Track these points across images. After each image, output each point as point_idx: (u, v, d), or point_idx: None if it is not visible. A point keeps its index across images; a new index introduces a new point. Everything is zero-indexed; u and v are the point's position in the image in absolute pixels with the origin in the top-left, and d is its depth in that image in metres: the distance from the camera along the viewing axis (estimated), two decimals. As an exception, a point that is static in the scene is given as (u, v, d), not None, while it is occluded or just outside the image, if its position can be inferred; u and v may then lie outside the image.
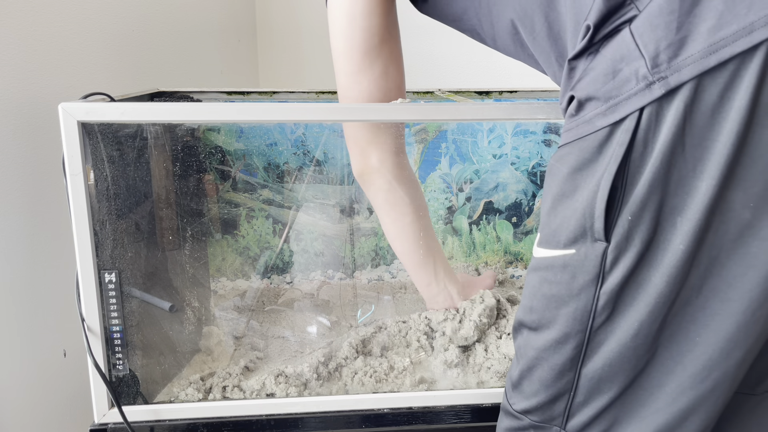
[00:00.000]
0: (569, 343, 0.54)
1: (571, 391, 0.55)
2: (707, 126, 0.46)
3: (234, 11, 1.61)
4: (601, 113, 0.49)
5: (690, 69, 0.45)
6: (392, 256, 1.11)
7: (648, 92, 0.47)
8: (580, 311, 0.53)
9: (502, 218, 1.12)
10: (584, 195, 0.51)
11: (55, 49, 0.85)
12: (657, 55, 0.46)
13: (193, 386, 0.80)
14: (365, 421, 0.79)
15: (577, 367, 0.54)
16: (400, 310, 1.00)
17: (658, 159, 0.47)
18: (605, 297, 0.51)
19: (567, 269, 0.53)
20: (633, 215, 0.49)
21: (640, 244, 0.49)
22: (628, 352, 0.52)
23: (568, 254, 0.53)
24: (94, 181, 0.71)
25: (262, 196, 1.07)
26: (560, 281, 0.53)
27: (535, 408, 0.58)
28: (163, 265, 0.89)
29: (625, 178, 0.49)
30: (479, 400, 0.80)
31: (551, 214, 0.54)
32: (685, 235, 0.47)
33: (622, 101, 0.48)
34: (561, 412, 0.57)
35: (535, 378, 0.57)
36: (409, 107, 0.71)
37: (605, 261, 0.50)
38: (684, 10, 0.46)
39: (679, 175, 0.47)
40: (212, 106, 0.70)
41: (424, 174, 1.09)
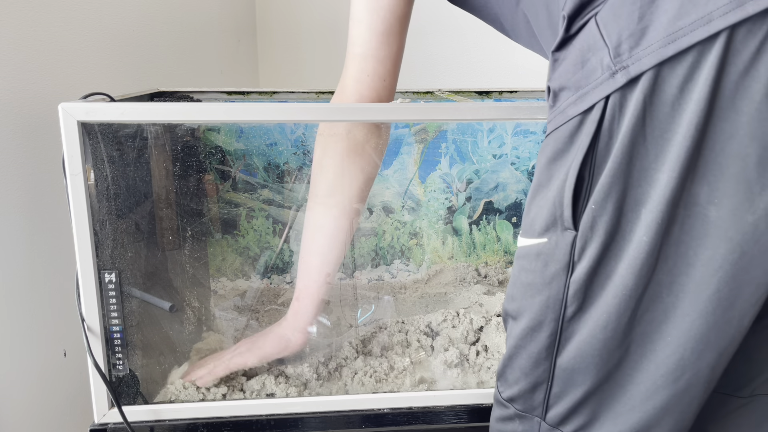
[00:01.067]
0: (543, 331, 0.54)
1: (548, 381, 0.56)
2: (667, 117, 0.46)
3: (234, 11, 1.61)
4: (572, 103, 0.50)
5: (650, 58, 0.45)
6: (392, 256, 1.11)
7: (612, 81, 0.47)
8: (552, 300, 0.53)
9: (502, 218, 1.12)
10: (556, 184, 0.52)
11: (55, 49, 0.85)
12: (619, 45, 0.47)
13: (193, 386, 0.80)
14: (365, 421, 0.79)
15: (552, 357, 0.55)
16: (400, 310, 1.00)
17: (620, 149, 0.47)
18: (575, 286, 0.51)
19: (540, 257, 0.53)
20: (596, 204, 0.49)
21: (604, 234, 0.49)
22: (599, 344, 0.52)
23: (541, 243, 0.53)
24: (94, 181, 0.71)
25: (262, 196, 1.07)
26: (534, 269, 0.54)
27: (517, 396, 0.58)
28: (163, 265, 0.89)
29: (593, 168, 0.49)
30: (479, 400, 0.80)
31: (530, 204, 0.55)
32: (648, 227, 0.47)
33: (589, 90, 0.48)
34: (540, 402, 0.57)
35: (516, 366, 0.58)
36: (409, 107, 0.71)
37: (574, 250, 0.51)
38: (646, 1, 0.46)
39: (642, 166, 0.47)
40: (212, 106, 0.70)
41: (424, 174, 1.09)
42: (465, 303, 1.00)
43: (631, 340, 0.51)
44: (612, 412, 0.53)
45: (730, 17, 0.42)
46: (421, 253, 1.12)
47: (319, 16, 1.72)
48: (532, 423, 0.58)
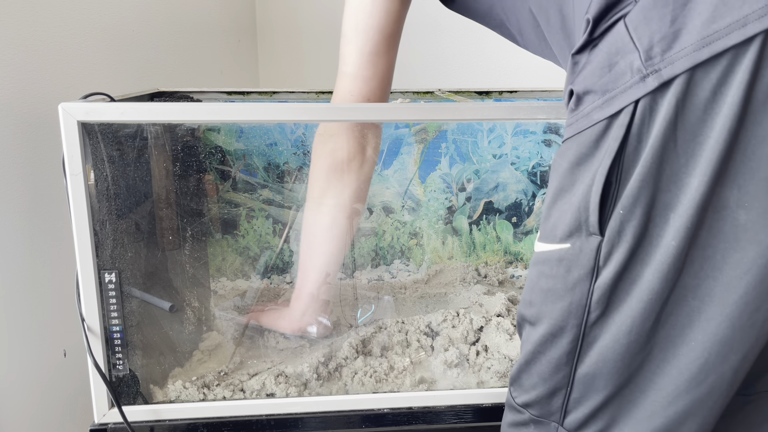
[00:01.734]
0: (564, 337, 0.54)
1: (568, 387, 0.55)
2: (700, 121, 0.45)
3: (234, 11, 1.61)
4: (598, 106, 0.49)
5: (683, 62, 0.44)
6: (392, 256, 1.11)
7: (642, 85, 0.46)
8: (575, 305, 0.52)
9: (502, 218, 1.12)
10: (581, 189, 0.51)
11: (55, 49, 0.85)
12: (651, 48, 0.46)
13: (193, 386, 0.80)
14: (365, 421, 0.79)
15: (573, 362, 0.54)
16: (400, 310, 1.00)
17: (650, 153, 0.47)
18: (599, 291, 0.51)
19: (562, 263, 0.53)
20: (625, 209, 0.48)
21: (632, 239, 0.49)
22: (622, 349, 0.51)
23: (563, 248, 0.53)
24: (94, 181, 0.71)
25: (262, 196, 1.07)
26: (556, 275, 0.53)
27: (534, 401, 0.58)
28: (163, 265, 0.89)
29: (620, 173, 0.48)
30: (479, 400, 0.80)
31: (551, 209, 0.54)
32: (677, 231, 0.47)
33: (617, 94, 0.48)
34: (558, 408, 0.56)
35: (534, 372, 0.57)
36: (409, 107, 0.71)
37: (599, 255, 0.50)
38: (679, 2, 0.45)
39: (671, 170, 0.47)
40: (212, 106, 0.70)
41: (424, 174, 1.09)
42: (465, 303, 1.00)
43: (654, 344, 0.51)
44: (632, 418, 0.53)
45: (765, 21, 0.42)
46: (421, 253, 1.12)
47: (319, 16, 1.72)
48: (548, 428, 0.57)
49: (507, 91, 1.07)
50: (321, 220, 0.81)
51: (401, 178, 1.09)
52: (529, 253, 1.14)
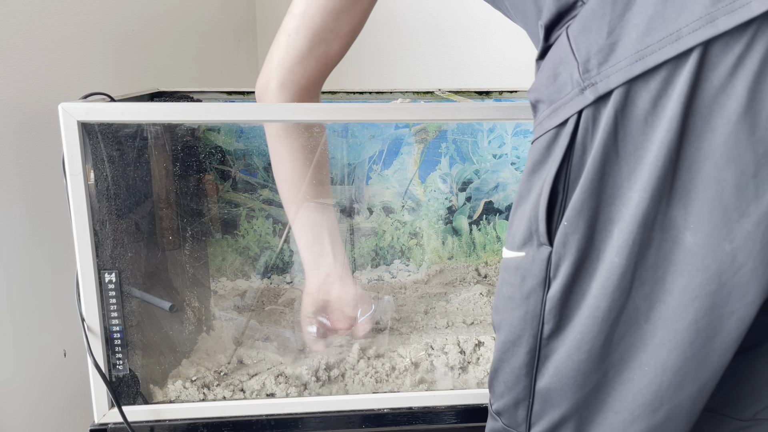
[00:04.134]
0: (522, 346, 0.53)
1: (530, 399, 0.54)
2: (640, 133, 0.44)
3: (234, 11, 1.61)
4: (547, 116, 0.49)
5: (617, 76, 0.43)
6: (392, 256, 1.11)
7: (581, 98, 0.45)
8: (530, 315, 0.51)
9: (502, 218, 1.12)
10: (533, 197, 0.50)
11: (55, 49, 0.85)
12: (588, 60, 0.45)
13: (193, 386, 0.80)
14: (365, 421, 0.79)
15: (532, 374, 0.53)
16: (400, 310, 1.00)
17: (592, 165, 0.46)
18: (550, 303, 0.50)
19: (518, 272, 0.52)
20: (569, 221, 0.47)
21: (576, 252, 0.48)
22: (574, 366, 0.50)
23: (519, 256, 0.52)
24: (94, 181, 0.71)
25: (262, 196, 1.06)
26: (513, 283, 0.53)
27: (503, 410, 0.57)
28: (163, 265, 0.89)
29: (567, 183, 0.48)
30: (479, 400, 0.80)
31: (513, 215, 0.54)
32: (620, 247, 0.45)
33: (560, 106, 0.47)
34: (524, 419, 0.55)
35: (501, 379, 0.56)
36: (409, 107, 0.71)
37: (550, 266, 0.49)
38: (616, 13, 0.44)
39: (614, 183, 0.45)
40: (212, 106, 0.70)
41: (424, 174, 1.09)
42: (465, 303, 1.00)
43: (609, 365, 0.49)
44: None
45: (699, 34, 0.40)
46: (421, 253, 1.12)
47: (319, 16, 1.72)
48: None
49: (507, 91, 1.07)
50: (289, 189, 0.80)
51: (401, 178, 1.09)
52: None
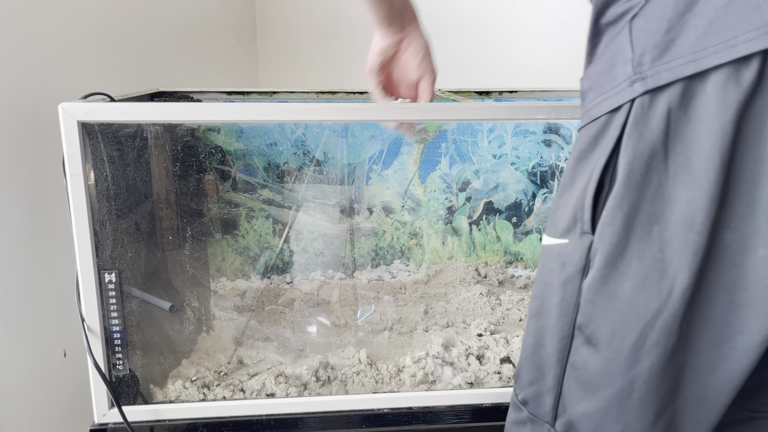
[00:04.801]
0: (555, 333, 0.53)
1: (558, 388, 0.54)
2: (691, 135, 0.44)
3: (234, 11, 1.61)
4: (595, 104, 0.49)
5: (669, 74, 0.44)
6: (392, 256, 1.11)
7: (630, 90, 0.46)
8: (566, 302, 0.51)
9: (502, 218, 1.12)
10: (580, 185, 0.50)
11: (55, 49, 0.85)
12: (643, 54, 0.46)
13: (193, 386, 0.80)
14: (365, 421, 0.79)
15: (563, 363, 0.53)
16: (400, 310, 1.00)
17: (638, 159, 0.46)
18: (584, 292, 0.50)
19: (559, 258, 0.52)
20: (608, 212, 0.47)
21: (609, 245, 0.47)
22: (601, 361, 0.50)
23: (562, 243, 0.52)
24: (94, 181, 0.71)
25: (262, 196, 1.06)
26: (553, 269, 0.53)
27: (530, 398, 0.56)
28: (163, 265, 0.89)
29: (614, 173, 0.48)
30: (479, 400, 0.80)
31: (556, 203, 0.54)
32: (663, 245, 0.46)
33: (609, 96, 0.48)
34: (550, 408, 0.55)
35: (531, 366, 0.56)
36: (409, 107, 0.71)
37: (590, 254, 0.49)
38: (677, 12, 0.45)
39: (659, 182, 0.45)
40: (212, 106, 0.70)
41: (424, 174, 1.09)
42: (465, 303, 1.00)
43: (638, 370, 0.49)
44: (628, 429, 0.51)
45: (754, 44, 0.41)
46: (421, 253, 1.12)
47: (319, 16, 1.72)
48: (542, 429, 0.56)
49: (507, 91, 1.07)
50: None
51: (401, 178, 1.09)
52: (529, 253, 1.14)
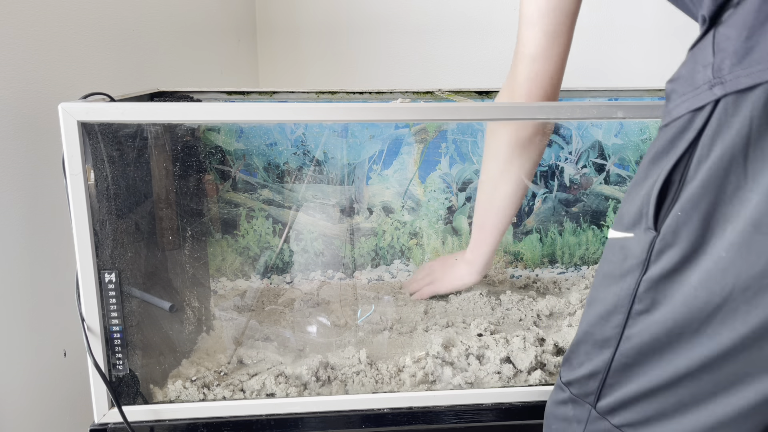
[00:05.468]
0: (611, 321, 0.56)
1: (606, 371, 0.57)
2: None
3: (234, 11, 1.61)
4: (676, 105, 0.51)
5: (747, 79, 0.45)
6: (392, 256, 1.11)
7: (709, 93, 0.48)
8: (624, 292, 0.54)
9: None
10: (649, 182, 0.53)
11: (55, 49, 0.85)
12: (723, 59, 0.47)
13: (193, 386, 0.80)
14: (365, 421, 0.79)
15: (614, 348, 0.56)
16: (400, 310, 1.00)
17: (718, 163, 0.47)
18: (645, 285, 0.52)
19: (622, 251, 0.55)
20: (683, 212, 0.49)
21: (685, 242, 0.49)
22: (660, 348, 0.52)
23: (627, 237, 0.55)
24: (94, 181, 0.71)
25: (262, 196, 1.06)
26: (614, 260, 0.56)
27: (575, 380, 0.60)
28: (163, 265, 0.89)
29: (685, 174, 0.50)
30: (479, 400, 0.80)
31: (626, 197, 0.57)
32: (730, 245, 0.47)
33: (689, 98, 0.50)
34: (594, 390, 0.58)
35: (582, 351, 0.60)
36: (409, 107, 0.71)
37: (652, 250, 0.52)
38: (759, 21, 0.46)
39: (737, 183, 0.47)
40: (212, 106, 0.70)
41: (424, 174, 1.09)
42: (465, 303, 1.00)
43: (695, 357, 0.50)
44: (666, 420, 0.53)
45: None
46: (421, 253, 1.12)
47: (319, 16, 1.72)
48: (583, 409, 0.59)
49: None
50: (506, 187, 0.87)
51: (401, 178, 1.09)
52: (529, 252, 1.14)
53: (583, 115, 0.74)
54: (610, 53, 1.73)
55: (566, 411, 0.61)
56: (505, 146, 0.84)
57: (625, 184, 1.12)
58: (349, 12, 1.72)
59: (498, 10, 1.71)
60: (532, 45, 0.75)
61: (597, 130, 1.10)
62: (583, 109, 0.74)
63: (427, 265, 1.05)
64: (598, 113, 0.73)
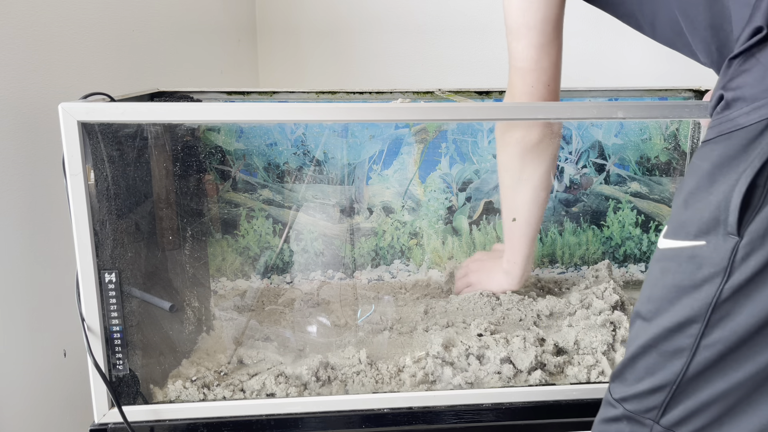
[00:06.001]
0: (685, 332, 0.54)
1: (675, 383, 0.55)
2: None
3: (234, 11, 1.61)
4: (745, 113, 0.51)
5: None
6: (392, 255, 1.11)
7: None
8: (700, 302, 0.53)
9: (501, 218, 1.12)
10: (722, 189, 0.52)
11: (55, 49, 0.85)
12: None
13: (193, 386, 0.80)
14: (365, 421, 0.79)
15: (687, 358, 0.55)
16: (400, 310, 1.00)
17: None
18: (728, 292, 0.52)
19: (694, 260, 0.54)
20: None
21: None
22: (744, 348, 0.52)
23: (697, 245, 0.53)
24: (94, 181, 0.71)
25: (262, 196, 1.06)
26: (684, 271, 0.54)
27: (633, 396, 0.58)
28: (163, 265, 0.89)
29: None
30: (479, 400, 0.80)
31: (683, 207, 0.55)
32: None
33: (763, 105, 0.50)
34: (658, 404, 0.57)
35: (640, 366, 0.58)
36: (409, 107, 0.71)
37: (735, 256, 0.51)
38: None
39: None
40: (212, 106, 0.70)
41: (424, 174, 1.09)
42: (465, 303, 1.00)
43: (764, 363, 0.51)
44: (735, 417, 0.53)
45: None
46: (421, 253, 1.12)
47: (319, 16, 1.72)
48: (642, 425, 0.58)
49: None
50: (524, 195, 0.87)
51: (401, 178, 1.09)
52: (529, 253, 1.14)
53: (583, 115, 0.74)
54: (610, 53, 1.73)
55: (620, 428, 0.60)
56: (514, 156, 0.84)
57: (625, 184, 1.12)
58: (349, 12, 1.72)
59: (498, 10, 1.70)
60: (524, 59, 0.76)
61: (597, 130, 1.10)
62: (583, 109, 0.74)
63: (464, 265, 1.04)
64: (598, 113, 0.73)
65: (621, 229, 1.13)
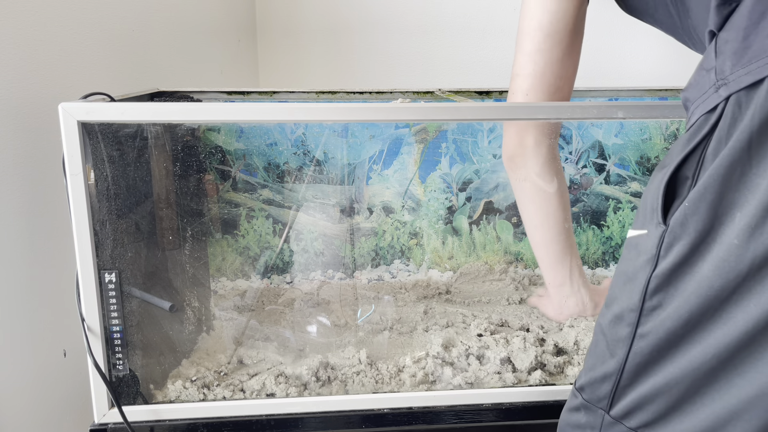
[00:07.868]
0: (624, 320, 0.55)
1: (619, 374, 0.56)
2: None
3: (234, 11, 1.61)
4: (691, 113, 0.53)
5: (748, 77, 0.47)
6: (392, 255, 1.11)
7: (716, 96, 0.50)
8: (637, 290, 0.54)
9: (502, 218, 1.12)
10: (658, 177, 0.54)
11: (55, 49, 0.85)
12: (724, 62, 0.50)
13: (193, 386, 0.80)
14: (365, 421, 0.79)
15: (627, 348, 0.55)
16: (400, 310, 1.00)
17: (725, 155, 0.48)
18: (656, 281, 0.52)
19: (636, 248, 0.55)
20: (690, 202, 0.50)
21: (694, 233, 0.50)
22: (676, 341, 0.52)
23: (641, 234, 0.55)
24: (94, 181, 0.71)
25: (262, 196, 1.06)
26: (629, 258, 0.56)
27: (587, 384, 0.59)
28: (163, 265, 0.89)
29: (698, 170, 0.51)
30: (479, 400, 0.80)
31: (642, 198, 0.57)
32: (741, 231, 0.47)
33: (700, 103, 0.52)
34: (607, 394, 0.57)
35: (595, 353, 0.59)
36: (409, 107, 0.71)
37: (662, 244, 0.52)
38: (752, 22, 0.48)
39: (743, 171, 0.48)
40: (212, 106, 0.70)
41: (424, 174, 1.09)
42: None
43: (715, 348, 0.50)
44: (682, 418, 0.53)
45: None
46: (421, 253, 1.12)
47: (319, 16, 1.72)
48: (596, 415, 0.58)
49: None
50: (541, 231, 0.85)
51: (401, 178, 1.09)
52: (529, 252, 1.14)
53: (583, 115, 0.74)
54: (610, 53, 1.73)
55: (579, 418, 0.60)
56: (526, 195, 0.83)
57: (626, 184, 1.12)
58: (349, 12, 1.72)
59: (498, 10, 1.71)
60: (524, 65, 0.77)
61: (597, 130, 1.10)
62: (583, 109, 0.74)
63: None
64: (598, 113, 0.73)
65: (621, 229, 1.13)
